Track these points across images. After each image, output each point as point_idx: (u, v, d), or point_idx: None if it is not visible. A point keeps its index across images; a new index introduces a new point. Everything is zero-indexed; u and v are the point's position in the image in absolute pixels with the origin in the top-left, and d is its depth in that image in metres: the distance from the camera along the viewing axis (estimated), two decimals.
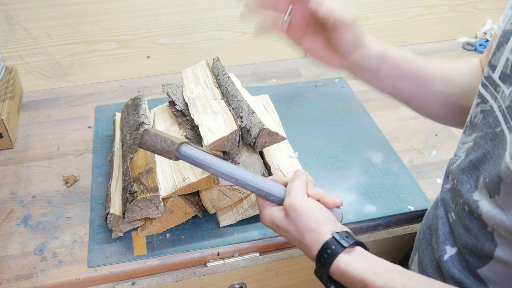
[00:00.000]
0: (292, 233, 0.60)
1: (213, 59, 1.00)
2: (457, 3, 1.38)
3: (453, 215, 0.61)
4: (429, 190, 0.92)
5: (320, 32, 0.68)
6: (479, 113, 0.59)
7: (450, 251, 0.61)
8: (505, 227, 0.50)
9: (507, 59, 0.55)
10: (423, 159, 1.00)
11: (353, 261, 0.55)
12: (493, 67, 0.57)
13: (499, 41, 0.57)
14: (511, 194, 0.49)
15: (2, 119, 0.96)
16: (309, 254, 0.59)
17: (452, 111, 0.73)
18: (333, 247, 0.56)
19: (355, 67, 0.70)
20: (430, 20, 1.39)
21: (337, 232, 0.57)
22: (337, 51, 0.68)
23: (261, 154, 0.89)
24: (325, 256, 0.56)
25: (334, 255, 0.56)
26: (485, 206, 0.53)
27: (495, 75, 0.56)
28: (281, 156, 0.88)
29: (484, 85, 0.59)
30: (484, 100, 0.58)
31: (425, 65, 0.71)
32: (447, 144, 1.05)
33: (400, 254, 0.89)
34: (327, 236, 0.57)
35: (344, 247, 0.56)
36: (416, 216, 0.88)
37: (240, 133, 0.77)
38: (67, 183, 0.92)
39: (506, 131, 0.52)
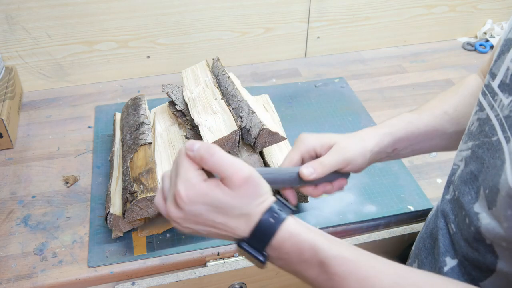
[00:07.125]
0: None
1: (213, 59, 1.00)
2: (457, 3, 1.38)
3: (453, 227, 0.60)
4: (429, 190, 0.92)
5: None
6: (476, 121, 0.59)
7: (450, 263, 0.60)
8: (504, 239, 0.49)
9: (508, 68, 0.54)
10: (423, 159, 1.00)
11: (302, 225, 0.49)
12: (493, 75, 0.57)
13: (501, 49, 0.56)
14: (506, 207, 0.48)
15: (2, 119, 0.96)
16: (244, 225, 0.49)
17: None
18: (280, 210, 0.49)
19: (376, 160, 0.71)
20: (430, 20, 1.39)
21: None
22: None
23: (261, 154, 0.89)
24: (275, 215, 0.49)
25: (283, 218, 0.49)
26: (485, 218, 0.52)
27: (495, 84, 0.56)
28: (281, 156, 0.87)
29: (483, 93, 0.58)
30: (481, 108, 0.58)
31: (432, 119, 0.70)
32: None
33: (400, 254, 0.89)
34: (271, 199, 0.50)
35: (292, 210, 0.50)
36: (416, 216, 0.88)
37: (240, 133, 0.77)
38: (67, 183, 0.92)
39: (503, 140, 0.51)
